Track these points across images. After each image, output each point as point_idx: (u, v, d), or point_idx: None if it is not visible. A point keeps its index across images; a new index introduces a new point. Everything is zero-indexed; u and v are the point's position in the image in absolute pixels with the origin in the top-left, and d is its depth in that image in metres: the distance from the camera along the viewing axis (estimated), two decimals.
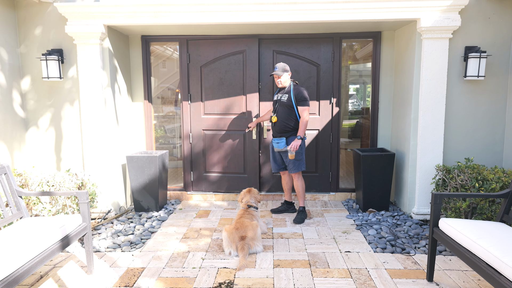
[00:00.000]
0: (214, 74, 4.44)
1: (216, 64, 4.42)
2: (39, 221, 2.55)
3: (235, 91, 4.44)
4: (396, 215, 3.88)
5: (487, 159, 3.79)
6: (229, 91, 4.45)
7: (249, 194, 3.51)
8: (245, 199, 3.47)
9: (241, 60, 4.38)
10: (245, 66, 4.37)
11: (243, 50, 4.36)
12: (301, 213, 3.84)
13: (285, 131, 3.71)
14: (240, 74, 4.41)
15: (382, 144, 4.45)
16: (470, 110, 3.76)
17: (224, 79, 4.43)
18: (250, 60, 4.35)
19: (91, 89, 3.82)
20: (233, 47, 4.37)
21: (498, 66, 3.68)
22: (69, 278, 2.66)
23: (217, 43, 4.37)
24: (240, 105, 4.46)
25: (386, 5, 3.51)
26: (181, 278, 2.65)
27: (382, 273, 2.70)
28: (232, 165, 4.56)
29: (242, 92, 4.44)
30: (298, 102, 3.64)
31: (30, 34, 3.86)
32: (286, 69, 3.67)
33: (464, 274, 2.67)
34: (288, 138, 3.72)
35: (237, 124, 4.48)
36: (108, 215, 3.95)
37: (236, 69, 4.40)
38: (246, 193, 3.53)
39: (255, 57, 4.33)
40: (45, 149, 4.03)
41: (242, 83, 4.42)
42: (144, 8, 3.61)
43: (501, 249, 1.99)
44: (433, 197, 2.50)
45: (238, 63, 4.39)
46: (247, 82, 4.39)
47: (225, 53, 4.38)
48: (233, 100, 4.46)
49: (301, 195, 3.83)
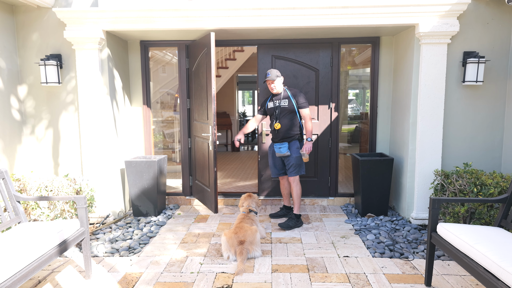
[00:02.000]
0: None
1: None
2: (37, 226, 2.55)
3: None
4: (395, 220, 3.87)
5: (486, 164, 3.79)
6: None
7: (250, 199, 3.51)
8: (246, 204, 3.47)
9: None
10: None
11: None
12: (292, 220, 3.75)
13: (289, 137, 3.70)
14: None
15: (381, 149, 4.46)
16: (469, 115, 3.77)
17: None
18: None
19: (89, 94, 3.83)
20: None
21: (497, 71, 3.70)
22: (67, 283, 2.65)
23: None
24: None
25: (384, 11, 3.54)
26: (179, 283, 2.64)
27: (380, 278, 2.69)
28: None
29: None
30: (299, 104, 3.66)
31: (28, 39, 3.88)
32: (278, 74, 3.67)
33: (462, 279, 2.66)
34: (290, 142, 3.71)
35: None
36: (107, 220, 3.94)
37: None
38: (247, 198, 3.53)
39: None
40: (43, 154, 4.03)
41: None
42: (141, 13, 3.63)
43: (499, 254, 1.99)
44: (431, 202, 2.50)
45: None
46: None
47: None
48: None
49: (296, 201, 3.77)
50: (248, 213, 3.36)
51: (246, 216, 3.33)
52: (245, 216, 3.32)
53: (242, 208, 3.46)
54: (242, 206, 3.48)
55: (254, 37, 4.27)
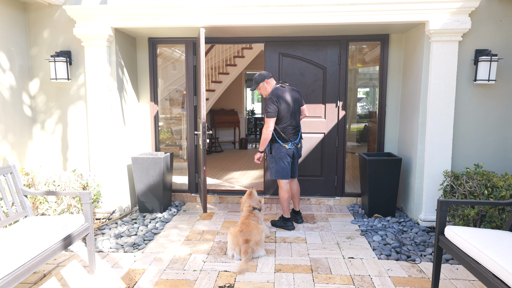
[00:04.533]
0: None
1: None
2: (42, 220, 2.58)
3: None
4: (403, 221, 3.80)
5: (498, 165, 3.69)
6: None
7: (251, 198, 3.50)
8: (247, 203, 3.46)
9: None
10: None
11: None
12: (278, 221, 3.69)
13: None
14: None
15: (389, 148, 4.38)
16: (480, 115, 3.66)
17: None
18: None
19: (98, 90, 3.86)
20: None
21: (510, 70, 3.58)
22: (71, 277, 2.68)
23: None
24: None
25: (393, 8, 3.46)
26: (181, 280, 2.64)
27: (385, 281, 2.64)
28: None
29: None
30: (265, 111, 3.46)
31: (39, 36, 3.94)
32: (259, 79, 3.52)
33: (471, 284, 2.59)
34: (271, 145, 3.57)
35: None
36: (113, 215, 3.98)
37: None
38: (247, 198, 3.52)
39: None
40: (52, 149, 4.09)
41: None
42: (149, 10, 3.64)
43: (509, 259, 1.92)
44: (439, 204, 2.43)
45: None
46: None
47: None
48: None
49: (281, 204, 3.66)
50: (252, 211, 3.35)
51: (251, 213, 3.31)
52: (250, 213, 3.30)
53: (245, 207, 3.45)
54: (244, 205, 3.47)
55: (262, 35, 4.23)
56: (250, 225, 3.07)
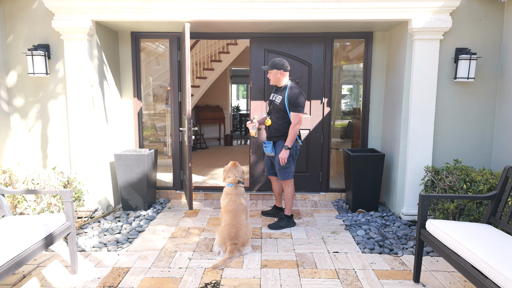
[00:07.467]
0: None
1: None
2: (21, 220, 2.49)
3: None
4: (385, 215, 3.88)
5: (476, 160, 3.81)
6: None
7: (236, 168, 3.29)
8: (233, 174, 3.24)
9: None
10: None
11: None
12: (283, 220, 3.59)
13: (275, 136, 3.50)
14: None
15: (373, 144, 4.45)
16: (460, 112, 3.77)
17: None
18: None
19: (78, 85, 3.75)
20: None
21: (488, 68, 3.70)
22: (52, 277, 2.61)
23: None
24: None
25: (377, 6, 3.50)
26: (167, 278, 2.62)
27: (369, 274, 2.69)
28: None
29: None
30: (291, 107, 3.32)
31: (16, 29, 3.78)
32: (278, 66, 3.35)
33: (451, 275, 2.68)
34: (276, 143, 3.50)
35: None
36: (95, 213, 3.89)
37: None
38: (232, 168, 3.29)
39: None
40: (31, 146, 3.95)
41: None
42: (132, 3, 3.55)
43: (487, 251, 1.99)
44: (420, 199, 2.50)
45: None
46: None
47: None
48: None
49: (287, 203, 3.59)
50: (236, 185, 3.21)
51: (235, 190, 3.15)
52: (234, 191, 3.13)
53: (228, 180, 3.24)
54: (228, 177, 3.26)
55: (247, 30, 4.21)
56: (240, 224, 2.97)
